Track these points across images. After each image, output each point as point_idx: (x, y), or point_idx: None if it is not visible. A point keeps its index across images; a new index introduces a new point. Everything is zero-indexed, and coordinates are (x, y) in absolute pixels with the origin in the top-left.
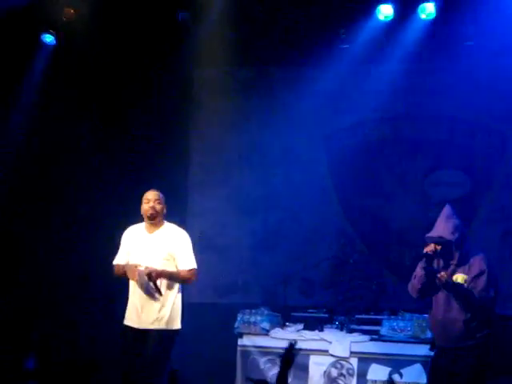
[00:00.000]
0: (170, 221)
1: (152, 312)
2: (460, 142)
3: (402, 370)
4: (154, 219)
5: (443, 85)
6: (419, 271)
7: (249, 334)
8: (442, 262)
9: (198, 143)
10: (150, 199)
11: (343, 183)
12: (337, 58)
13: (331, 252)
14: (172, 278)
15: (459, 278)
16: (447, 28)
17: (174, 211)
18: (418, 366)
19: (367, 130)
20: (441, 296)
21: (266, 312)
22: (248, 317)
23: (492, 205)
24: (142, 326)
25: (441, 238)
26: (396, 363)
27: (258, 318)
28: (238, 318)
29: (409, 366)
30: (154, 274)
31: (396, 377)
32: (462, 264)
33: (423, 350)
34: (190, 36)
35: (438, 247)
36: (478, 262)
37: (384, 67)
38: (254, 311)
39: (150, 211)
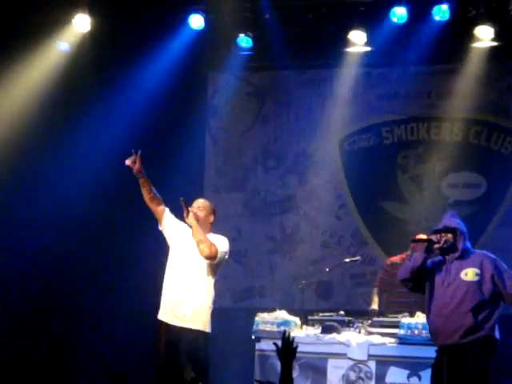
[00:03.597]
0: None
1: (184, 307)
2: (475, 142)
3: (420, 373)
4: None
5: (456, 85)
6: (416, 254)
7: (266, 338)
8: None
9: (213, 148)
10: (194, 207)
11: (359, 186)
12: (351, 60)
13: (348, 255)
14: (198, 229)
15: (469, 271)
16: (460, 29)
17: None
18: None
19: (382, 132)
20: (447, 291)
21: (283, 316)
22: (266, 321)
23: (508, 206)
24: (177, 323)
25: (446, 227)
26: (414, 366)
27: (276, 322)
28: (256, 323)
29: (427, 368)
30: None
31: (414, 379)
32: (462, 258)
33: None
34: (205, 40)
35: (444, 237)
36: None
37: (398, 69)
38: (271, 315)
39: (193, 214)
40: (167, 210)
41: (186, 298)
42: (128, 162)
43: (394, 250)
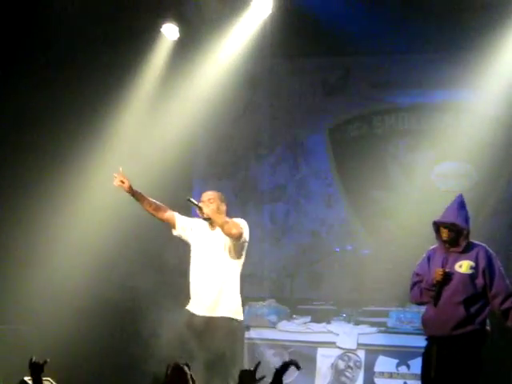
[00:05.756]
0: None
1: (213, 297)
2: (466, 132)
3: (409, 362)
4: (209, 220)
5: (447, 75)
6: (426, 293)
7: (256, 326)
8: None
9: (203, 136)
10: (204, 200)
11: (349, 175)
12: (341, 49)
13: (338, 244)
14: (217, 216)
15: (464, 264)
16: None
17: (179, 204)
18: None
19: (373, 121)
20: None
21: (273, 305)
22: (255, 310)
23: (498, 196)
24: (203, 313)
25: (454, 225)
26: (403, 355)
27: (266, 310)
28: (246, 311)
29: (416, 357)
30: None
31: (403, 368)
32: (464, 252)
33: None
34: (191, 30)
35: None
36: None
37: (388, 58)
38: (261, 304)
39: (202, 211)
40: (176, 214)
41: (215, 288)
42: (117, 183)
43: (383, 240)
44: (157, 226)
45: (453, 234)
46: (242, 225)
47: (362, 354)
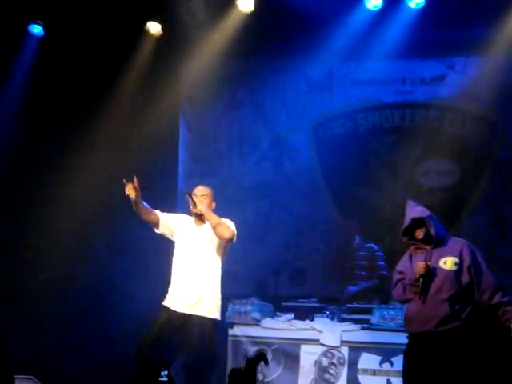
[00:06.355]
0: (162, 210)
1: (194, 295)
2: (449, 130)
3: (392, 359)
4: (201, 216)
5: (431, 74)
6: (409, 289)
7: (239, 324)
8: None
9: (188, 133)
10: (198, 195)
11: (333, 172)
12: (326, 47)
13: (322, 241)
14: (211, 214)
15: (449, 260)
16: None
17: (164, 201)
18: None
19: (357, 119)
20: (425, 279)
21: (256, 302)
22: (239, 307)
23: (481, 194)
24: (185, 310)
25: (413, 219)
26: (387, 352)
27: (249, 307)
28: (229, 309)
29: (399, 354)
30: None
31: (386, 365)
32: (441, 245)
33: None
34: (177, 28)
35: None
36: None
37: (373, 56)
38: (244, 301)
39: (193, 207)
40: (159, 213)
41: (197, 286)
42: (129, 191)
43: (367, 237)
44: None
45: (425, 229)
46: (233, 227)
47: (345, 351)
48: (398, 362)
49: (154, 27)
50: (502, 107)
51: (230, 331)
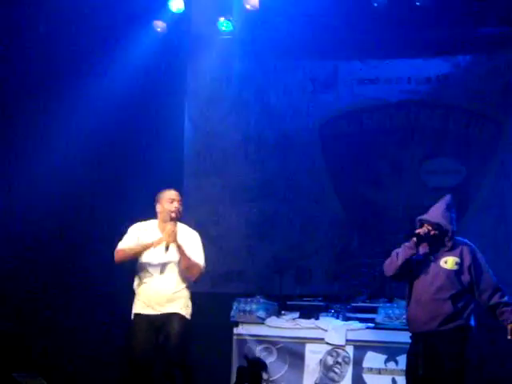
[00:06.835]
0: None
1: (166, 294)
2: (455, 129)
3: (397, 358)
4: (178, 220)
5: (437, 73)
6: (403, 250)
7: (244, 322)
8: (427, 248)
9: (192, 132)
10: (175, 199)
11: (338, 171)
12: (331, 46)
13: (327, 240)
14: (183, 253)
15: (449, 260)
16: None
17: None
18: None
19: (363, 118)
20: (426, 278)
21: (261, 301)
22: (244, 305)
23: (486, 193)
24: (157, 311)
25: (439, 225)
26: (392, 351)
27: (254, 306)
28: (234, 307)
29: (404, 353)
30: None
31: (391, 364)
32: (449, 249)
33: None
34: (184, 26)
35: (432, 232)
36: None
37: (378, 55)
38: (249, 300)
39: (176, 212)
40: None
41: (166, 291)
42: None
43: (372, 236)
44: None
45: (436, 232)
46: (202, 259)
47: (350, 349)
48: (403, 360)
49: (160, 25)
50: (508, 107)
51: (235, 330)
